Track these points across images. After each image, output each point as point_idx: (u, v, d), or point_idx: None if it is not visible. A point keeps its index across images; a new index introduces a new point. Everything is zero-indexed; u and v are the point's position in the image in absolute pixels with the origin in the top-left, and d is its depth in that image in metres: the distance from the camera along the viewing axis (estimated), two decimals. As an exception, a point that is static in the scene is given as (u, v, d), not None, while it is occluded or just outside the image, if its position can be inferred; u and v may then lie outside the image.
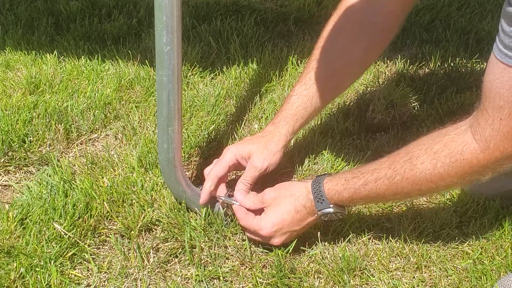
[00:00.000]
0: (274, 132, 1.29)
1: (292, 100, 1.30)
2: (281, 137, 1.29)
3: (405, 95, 1.70)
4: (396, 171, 1.07)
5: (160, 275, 1.15)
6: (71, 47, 1.90)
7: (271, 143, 1.28)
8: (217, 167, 1.25)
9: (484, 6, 2.33)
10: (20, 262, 1.12)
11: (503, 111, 0.93)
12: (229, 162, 1.26)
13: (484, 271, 1.15)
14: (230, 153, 1.26)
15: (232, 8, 2.21)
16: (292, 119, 1.30)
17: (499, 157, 0.97)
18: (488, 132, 0.96)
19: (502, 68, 0.91)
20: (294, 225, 1.15)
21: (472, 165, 1.00)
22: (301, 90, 1.30)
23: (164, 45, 1.06)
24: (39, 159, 1.43)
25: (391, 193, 1.09)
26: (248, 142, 1.30)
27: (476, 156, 0.99)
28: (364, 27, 1.26)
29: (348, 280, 1.14)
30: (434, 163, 1.02)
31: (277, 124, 1.30)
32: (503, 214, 1.28)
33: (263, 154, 1.26)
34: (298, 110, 1.30)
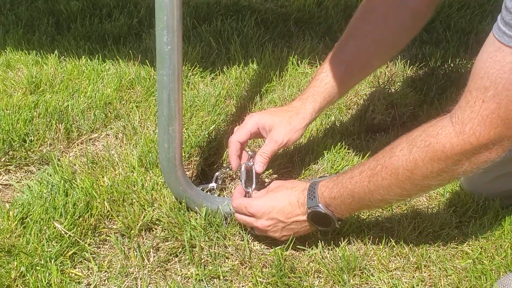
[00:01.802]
0: (300, 108, 1.29)
1: (321, 77, 1.29)
2: (306, 114, 1.28)
3: (405, 96, 1.70)
4: (377, 161, 1.05)
5: (160, 274, 1.15)
6: (71, 47, 1.91)
7: (295, 119, 1.27)
8: (238, 133, 1.27)
9: (484, 7, 2.33)
10: (20, 261, 1.12)
11: (487, 92, 0.88)
12: (250, 129, 1.27)
13: (483, 271, 1.15)
14: (252, 121, 1.27)
15: (232, 8, 2.21)
16: (320, 97, 1.28)
17: (474, 144, 0.91)
18: (467, 114, 0.91)
19: (497, 47, 0.86)
20: (282, 215, 1.14)
21: (445, 150, 0.94)
22: (330, 68, 1.27)
23: (165, 45, 1.07)
24: (39, 159, 1.44)
25: (374, 186, 1.05)
26: (272, 113, 1.29)
27: (449, 140, 0.94)
28: (395, 9, 1.24)
29: (348, 280, 1.14)
30: (410, 148, 0.99)
31: (304, 101, 1.29)
32: (503, 214, 1.28)
33: (285, 129, 1.26)
34: (326, 87, 1.28)
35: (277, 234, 1.17)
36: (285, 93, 1.70)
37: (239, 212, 1.19)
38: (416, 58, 1.94)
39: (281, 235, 1.17)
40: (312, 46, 1.97)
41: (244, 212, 1.18)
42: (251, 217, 1.17)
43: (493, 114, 0.89)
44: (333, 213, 1.12)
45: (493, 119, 0.89)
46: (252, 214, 1.16)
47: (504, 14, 0.85)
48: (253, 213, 1.16)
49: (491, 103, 0.88)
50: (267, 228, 1.16)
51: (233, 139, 1.27)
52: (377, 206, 1.15)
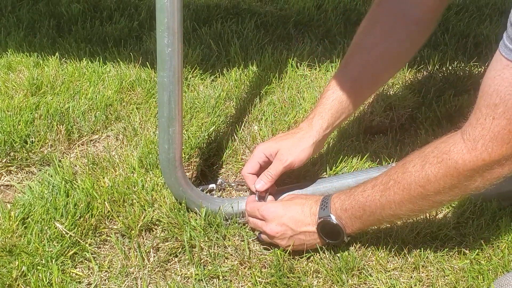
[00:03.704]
0: (307, 128, 1.29)
1: (327, 94, 1.28)
2: (313, 133, 1.28)
3: (403, 98, 1.71)
4: (390, 176, 1.06)
5: (160, 274, 1.16)
6: (72, 49, 1.92)
7: (302, 139, 1.28)
8: (248, 165, 1.29)
9: (482, 11, 2.34)
10: (22, 261, 1.13)
11: (497, 109, 0.89)
12: (257, 159, 1.28)
13: (481, 271, 1.16)
14: (258, 151, 1.29)
15: (232, 11, 2.23)
16: (327, 114, 1.28)
17: (487, 160, 0.93)
18: (478, 131, 0.92)
19: (504, 64, 0.88)
20: (292, 222, 1.15)
21: (458, 166, 0.96)
22: (336, 84, 1.27)
23: (166, 47, 1.08)
24: (40, 160, 1.45)
25: (385, 201, 1.06)
26: (278, 139, 1.31)
27: (462, 156, 0.95)
28: (398, 19, 1.23)
29: (346, 280, 1.15)
30: (422, 164, 1.01)
31: (310, 120, 1.29)
32: (500, 215, 1.29)
33: (290, 150, 1.27)
34: (333, 104, 1.27)
35: (283, 242, 1.17)
36: (284, 95, 1.71)
37: (251, 214, 1.21)
38: (414, 60, 1.95)
39: (287, 244, 1.17)
40: (311, 48, 1.98)
41: (256, 215, 1.19)
42: (262, 221, 1.18)
43: (504, 130, 0.90)
44: (343, 225, 1.13)
45: (505, 135, 0.91)
46: (263, 217, 1.17)
47: (510, 31, 0.87)
48: (265, 216, 1.17)
49: (502, 120, 0.90)
50: (275, 234, 1.16)
51: (243, 172, 1.30)
52: (387, 221, 1.15)
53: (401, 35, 1.24)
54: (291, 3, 2.31)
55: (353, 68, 1.27)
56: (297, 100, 1.70)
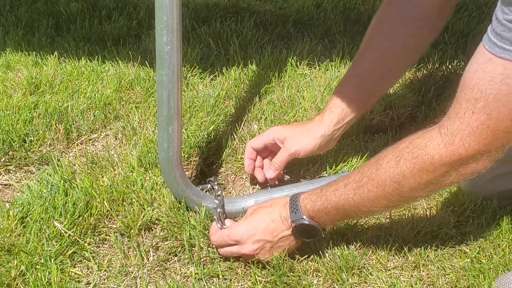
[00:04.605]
0: (318, 121, 1.31)
1: (339, 90, 1.31)
2: (322, 126, 1.30)
3: (403, 97, 1.71)
4: (363, 173, 1.05)
5: (160, 273, 1.16)
6: (71, 48, 1.91)
7: (310, 131, 1.30)
8: (254, 140, 1.36)
9: (482, 9, 2.34)
10: (20, 260, 1.12)
11: (477, 103, 0.88)
12: (265, 139, 1.34)
13: (481, 270, 1.16)
14: (268, 132, 1.35)
15: (231, 10, 2.22)
16: (337, 108, 1.29)
17: (463, 155, 0.91)
18: (457, 125, 0.91)
19: (487, 58, 0.86)
20: (267, 234, 1.12)
21: (433, 161, 0.94)
22: (348, 81, 1.30)
23: (165, 45, 1.07)
24: (39, 159, 1.44)
25: (359, 199, 1.04)
26: (290, 126, 1.35)
27: (438, 151, 0.93)
28: (405, 16, 1.23)
29: (346, 279, 1.14)
30: (397, 160, 0.99)
31: (322, 114, 1.32)
32: (501, 214, 1.29)
33: (297, 139, 1.30)
34: (344, 100, 1.29)
35: (267, 256, 1.14)
36: (284, 94, 1.71)
37: (222, 245, 1.16)
38: (414, 59, 1.95)
39: (270, 255, 1.14)
40: (311, 47, 1.98)
41: (227, 242, 1.15)
42: (236, 245, 1.14)
43: (483, 125, 0.89)
44: (318, 223, 1.11)
45: (483, 130, 0.89)
46: (236, 241, 1.13)
47: (495, 25, 0.85)
48: (237, 240, 1.13)
49: (481, 114, 0.88)
50: (254, 252, 1.13)
51: (248, 144, 1.36)
52: (362, 217, 1.16)
53: (408, 32, 1.24)
54: (291, 2, 2.30)
55: (363, 65, 1.29)
56: (296, 99, 1.69)
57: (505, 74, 0.85)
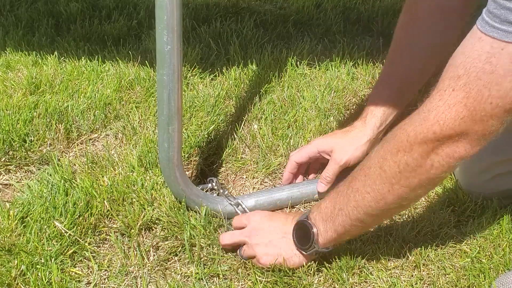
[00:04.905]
0: (361, 126, 1.31)
1: (378, 92, 1.31)
2: (366, 131, 1.30)
3: (403, 96, 1.70)
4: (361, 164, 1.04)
5: (160, 273, 1.16)
6: (71, 48, 1.91)
7: (356, 138, 1.30)
8: (297, 154, 1.34)
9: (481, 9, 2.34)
10: (21, 260, 1.12)
11: (459, 81, 0.85)
12: (309, 153, 1.34)
13: (482, 270, 1.16)
14: (313, 146, 1.33)
15: (231, 10, 2.22)
16: (379, 112, 1.30)
17: (437, 133, 0.88)
18: (434, 102, 0.88)
19: (477, 37, 0.84)
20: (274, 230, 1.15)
21: (409, 139, 0.91)
22: (386, 82, 1.30)
23: (165, 44, 1.07)
24: (39, 159, 1.44)
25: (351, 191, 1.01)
26: (333, 136, 1.34)
27: (414, 128, 0.91)
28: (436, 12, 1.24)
29: (347, 278, 1.14)
30: (382, 144, 0.99)
31: (364, 119, 1.32)
32: (501, 214, 1.29)
33: (345, 149, 1.29)
34: (385, 102, 1.29)
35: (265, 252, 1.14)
36: (284, 94, 1.71)
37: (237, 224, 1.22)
38: (414, 59, 1.95)
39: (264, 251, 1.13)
40: (311, 47, 1.98)
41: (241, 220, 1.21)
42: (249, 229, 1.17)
43: (460, 103, 0.86)
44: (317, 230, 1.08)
45: (459, 108, 0.86)
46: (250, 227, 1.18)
47: (489, 3, 0.83)
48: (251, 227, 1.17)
49: (460, 92, 0.86)
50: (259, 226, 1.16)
51: (291, 158, 1.35)
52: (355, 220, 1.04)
53: (441, 27, 1.25)
54: (291, 2, 2.30)
55: (400, 65, 1.29)
56: (296, 99, 1.69)
57: (490, 53, 0.83)
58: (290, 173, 1.36)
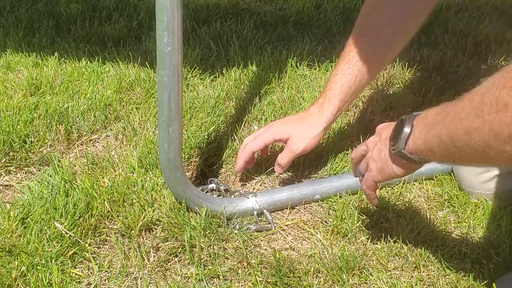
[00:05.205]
0: (317, 114, 1.32)
1: (336, 79, 1.31)
2: (323, 119, 1.31)
3: (403, 97, 1.71)
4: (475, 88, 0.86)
5: (161, 274, 1.16)
6: (71, 49, 1.92)
7: (313, 125, 1.31)
8: (254, 143, 1.33)
9: (481, 10, 2.35)
10: (21, 261, 1.12)
11: None
12: (265, 141, 1.33)
13: (482, 271, 1.16)
14: (269, 133, 1.32)
15: (231, 11, 2.23)
16: (337, 99, 1.31)
17: None
18: None
19: None
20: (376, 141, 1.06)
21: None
22: (345, 69, 1.30)
23: (165, 46, 1.07)
24: (40, 160, 1.44)
25: (458, 107, 0.87)
26: (289, 123, 1.33)
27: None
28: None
29: (347, 279, 1.14)
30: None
31: (321, 105, 1.32)
32: (501, 215, 1.29)
33: (301, 138, 1.31)
34: (342, 89, 1.30)
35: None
36: (284, 95, 1.71)
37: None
38: (414, 60, 1.95)
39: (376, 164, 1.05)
40: (311, 48, 1.98)
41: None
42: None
43: None
44: (410, 131, 0.97)
45: None
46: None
47: None
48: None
49: None
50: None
51: (247, 147, 1.33)
52: (440, 142, 0.90)
53: (406, 15, 1.26)
54: (291, 3, 2.31)
55: (362, 51, 1.29)
56: (296, 100, 1.69)
57: None
58: (244, 162, 1.35)
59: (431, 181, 1.43)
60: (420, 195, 1.39)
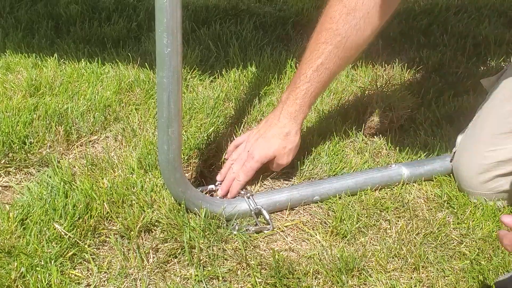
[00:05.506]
0: (291, 125, 1.36)
1: (305, 88, 1.34)
2: (298, 127, 1.37)
3: (402, 98, 1.71)
4: None
5: (160, 275, 1.16)
6: (71, 50, 1.92)
7: (290, 137, 1.36)
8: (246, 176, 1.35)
9: (481, 11, 2.35)
10: (20, 262, 1.12)
11: None
12: (255, 169, 1.36)
13: (481, 271, 1.16)
14: (256, 161, 1.35)
15: (231, 12, 2.23)
16: (307, 107, 1.37)
17: None
18: None
19: None
20: None
21: None
22: (314, 77, 1.32)
23: (165, 47, 1.07)
24: (39, 161, 1.44)
25: None
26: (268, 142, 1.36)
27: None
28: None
29: (346, 281, 1.14)
30: None
31: (292, 115, 1.36)
32: (500, 215, 1.29)
33: (285, 154, 1.36)
34: (312, 96, 1.35)
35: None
36: (283, 96, 1.71)
37: None
38: (413, 61, 1.96)
39: None
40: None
41: None
42: None
43: None
44: None
45: None
46: None
47: None
48: None
49: None
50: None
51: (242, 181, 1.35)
52: None
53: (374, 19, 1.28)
54: (290, 4, 2.31)
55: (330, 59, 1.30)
56: (296, 100, 1.69)
57: None
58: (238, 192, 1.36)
59: (431, 182, 1.43)
60: (420, 196, 1.39)
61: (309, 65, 1.32)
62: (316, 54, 1.31)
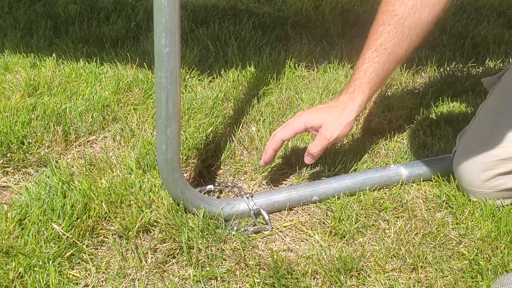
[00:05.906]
0: (348, 102, 1.31)
1: (364, 68, 1.31)
2: (354, 107, 1.31)
3: (401, 99, 1.71)
4: None
5: (158, 276, 1.16)
6: (69, 50, 1.92)
7: (344, 113, 1.30)
8: (284, 131, 1.31)
9: (480, 12, 2.35)
10: (18, 262, 1.12)
11: None
12: (296, 130, 1.32)
13: (480, 271, 1.16)
14: (300, 122, 1.31)
15: (230, 12, 2.23)
16: (367, 88, 1.31)
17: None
18: None
19: None
20: None
21: None
22: (373, 57, 1.30)
23: (163, 47, 1.07)
24: (37, 161, 1.44)
25: None
26: (321, 111, 1.32)
27: None
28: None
29: (344, 281, 1.14)
30: None
31: (351, 94, 1.32)
32: (499, 216, 1.29)
33: (334, 126, 1.30)
34: (371, 77, 1.30)
35: None
36: (282, 96, 1.71)
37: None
38: (412, 61, 1.96)
39: None
40: (309, 49, 1.98)
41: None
42: None
43: None
44: None
45: None
46: None
47: None
48: None
49: None
50: None
51: (278, 136, 1.32)
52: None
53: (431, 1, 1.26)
54: (289, 4, 2.31)
55: (388, 39, 1.29)
56: (295, 101, 1.69)
57: None
58: (274, 151, 1.33)
59: (429, 182, 1.43)
60: (418, 196, 1.39)
61: (368, 47, 1.31)
62: (375, 36, 1.30)
